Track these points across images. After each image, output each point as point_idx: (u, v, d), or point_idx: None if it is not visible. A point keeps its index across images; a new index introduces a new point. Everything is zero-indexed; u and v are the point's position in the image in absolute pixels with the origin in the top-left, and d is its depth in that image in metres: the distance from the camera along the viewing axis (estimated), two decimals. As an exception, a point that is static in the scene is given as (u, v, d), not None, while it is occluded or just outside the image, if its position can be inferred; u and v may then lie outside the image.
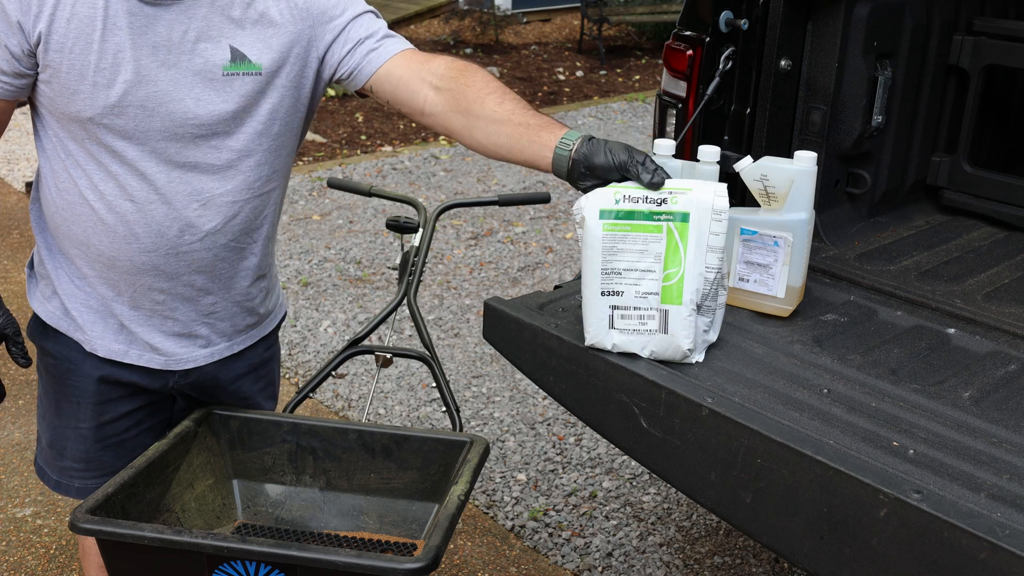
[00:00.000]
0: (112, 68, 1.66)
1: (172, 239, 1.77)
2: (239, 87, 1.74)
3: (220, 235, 1.81)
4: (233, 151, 1.77)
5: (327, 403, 3.86)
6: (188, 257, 1.80)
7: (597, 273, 1.88)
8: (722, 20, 2.43)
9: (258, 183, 1.83)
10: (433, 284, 4.91)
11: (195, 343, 1.91)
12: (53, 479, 2.02)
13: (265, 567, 1.52)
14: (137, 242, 1.77)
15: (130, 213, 1.75)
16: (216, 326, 1.91)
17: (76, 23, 1.64)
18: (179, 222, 1.77)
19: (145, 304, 1.84)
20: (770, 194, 2.13)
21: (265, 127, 1.80)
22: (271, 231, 1.92)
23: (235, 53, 1.72)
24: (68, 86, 1.67)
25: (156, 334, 1.87)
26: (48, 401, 1.97)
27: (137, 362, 1.89)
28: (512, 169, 6.63)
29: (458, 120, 1.78)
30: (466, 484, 1.68)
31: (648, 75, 9.65)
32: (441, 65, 1.79)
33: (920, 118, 2.76)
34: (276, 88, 1.78)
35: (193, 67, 1.70)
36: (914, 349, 2.09)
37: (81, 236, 1.79)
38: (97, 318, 1.86)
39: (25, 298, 4.62)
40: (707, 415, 1.75)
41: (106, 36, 1.65)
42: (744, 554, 3.04)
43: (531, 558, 3.03)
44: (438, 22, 11.63)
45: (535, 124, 1.72)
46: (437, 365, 2.21)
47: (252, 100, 1.76)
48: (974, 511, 1.48)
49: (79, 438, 1.95)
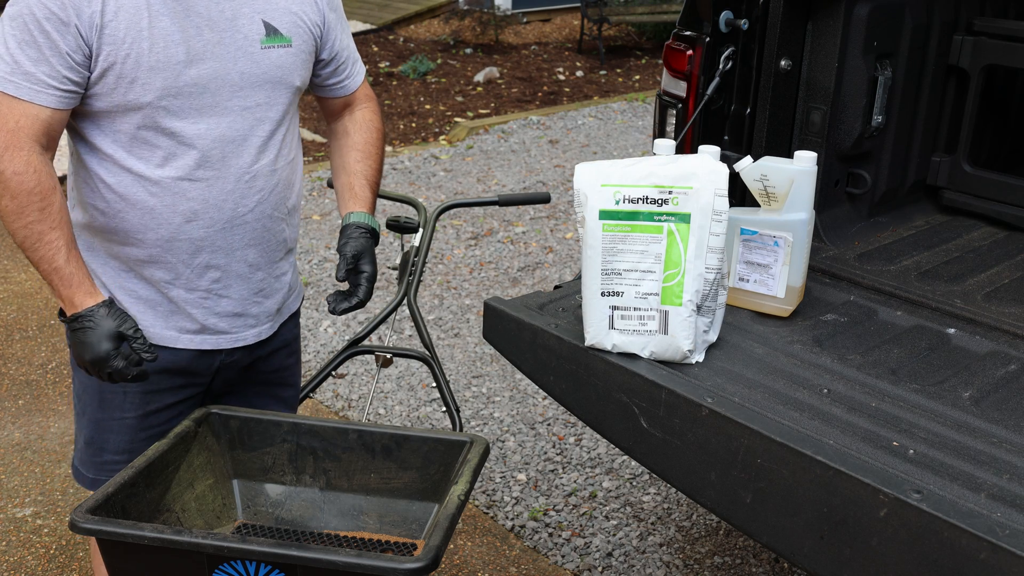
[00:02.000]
0: (164, 51, 1.73)
1: (228, 212, 1.87)
2: (275, 59, 1.86)
3: (266, 205, 1.91)
4: (272, 122, 1.89)
5: (327, 403, 3.86)
6: (241, 230, 1.89)
7: (597, 273, 1.88)
8: (722, 20, 2.43)
9: (291, 153, 1.97)
10: (433, 284, 4.91)
11: (245, 322, 1.99)
12: (90, 477, 2.03)
13: (265, 567, 1.52)
14: (196, 219, 1.84)
15: (189, 191, 1.83)
16: (263, 304, 2.01)
17: (124, 14, 1.70)
18: (233, 195, 1.86)
19: (202, 285, 1.91)
20: (770, 194, 2.13)
21: (294, 98, 1.94)
22: (298, 201, 2.04)
23: (268, 27, 1.85)
24: (125, 76, 1.72)
25: (211, 316, 1.94)
26: (89, 396, 1.99)
27: (188, 345, 1.95)
28: (512, 169, 6.63)
29: (331, 144, 2.17)
30: (466, 484, 1.68)
31: (648, 75, 9.65)
32: (358, 116, 2.13)
33: (920, 118, 2.76)
34: (301, 60, 1.92)
35: (235, 43, 1.81)
36: (914, 349, 2.09)
37: (138, 226, 1.84)
38: (147, 307, 1.91)
39: (26, 298, 4.62)
40: (707, 415, 1.75)
41: (153, 23, 1.72)
42: (744, 554, 3.04)
43: (531, 558, 3.03)
44: (438, 22, 11.63)
45: (356, 192, 2.07)
46: (437, 365, 2.21)
47: (286, 72, 1.89)
48: (974, 511, 1.48)
49: (123, 429, 1.98)
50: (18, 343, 4.23)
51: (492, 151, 7.05)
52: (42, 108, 1.70)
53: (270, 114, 1.88)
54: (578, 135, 7.49)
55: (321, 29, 1.96)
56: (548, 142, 7.28)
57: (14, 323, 4.40)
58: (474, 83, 9.12)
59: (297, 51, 1.90)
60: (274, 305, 2.04)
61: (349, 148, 2.10)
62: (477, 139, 7.33)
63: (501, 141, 7.28)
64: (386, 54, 10.17)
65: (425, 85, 9.02)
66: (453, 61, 9.95)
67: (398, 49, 10.46)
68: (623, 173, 1.84)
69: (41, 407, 3.75)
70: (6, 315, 4.47)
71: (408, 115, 8.08)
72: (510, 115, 7.98)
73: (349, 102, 2.12)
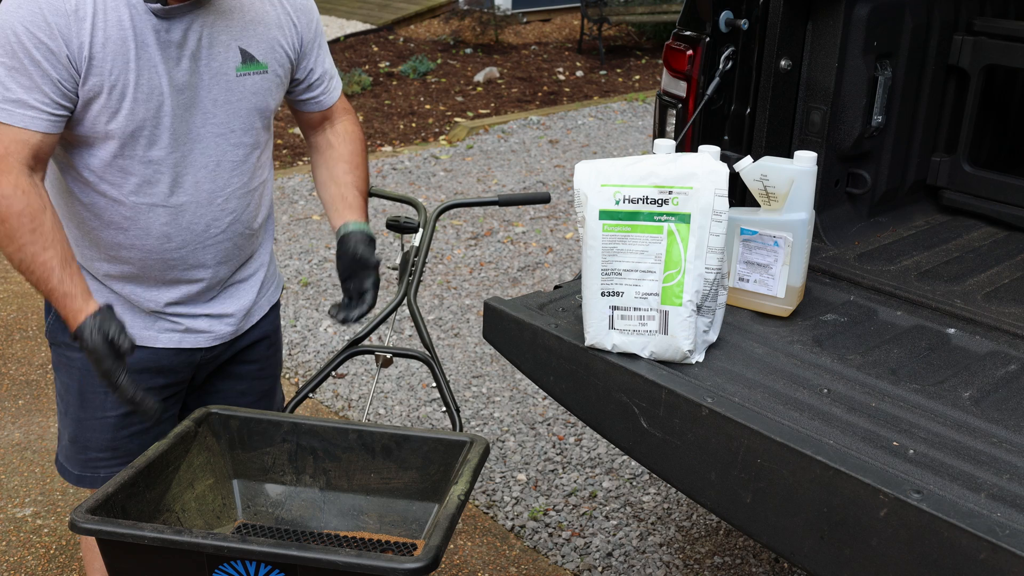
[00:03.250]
0: (149, 83, 1.74)
1: (200, 234, 1.89)
2: (250, 86, 1.87)
3: (239, 224, 1.95)
4: (247, 147, 1.91)
5: (327, 403, 3.86)
6: (214, 249, 1.92)
7: (597, 274, 1.88)
8: (722, 20, 2.43)
9: (263, 174, 1.99)
10: (433, 284, 4.91)
11: (222, 320, 2.03)
12: (75, 473, 2.06)
13: (265, 567, 1.52)
14: (169, 242, 1.87)
15: (163, 216, 1.85)
16: (239, 301, 2.05)
17: (111, 46, 1.70)
18: (206, 218, 1.88)
19: (174, 296, 1.95)
20: (770, 194, 2.13)
21: (268, 121, 1.96)
22: (270, 211, 2.09)
23: (244, 54, 1.85)
24: (109, 106, 1.73)
25: (186, 318, 1.98)
26: (71, 396, 2.01)
27: (167, 344, 1.98)
28: (512, 169, 6.63)
29: (314, 158, 2.16)
30: (466, 484, 1.68)
31: (648, 75, 9.65)
32: (339, 128, 2.12)
33: (920, 118, 2.76)
34: (276, 84, 1.93)
35: (211, 71, 1.81)
36: (914, 349, 2.09)
37: (111, 244, 1.87)
38: (125, 310, 1.94)
39: (26, 298, 4.62)
40: (707, 415, 1.75)
41: (139, 54, 1.72)
42: (744, 554, 3.04)
43: (531, 558, 3.03)
44: (438, 22, 11.63)
45: (349, 201, 2.06)
46: (437, 365, 2.21)
47: (260, 98, 1.89)
48: (974, 511, 1.48)
49: (105, 427, 2.00)
50: (18, 343, 4.23)
51: (492, 151, 7.05)
52: (33, 134, 1.70)
53: (244, 139, 1.90)
54: (578, 135, 7.49)
55: (297, 52, 1.96)
56: (548, 142, 7.28)
57: (14, 323, 4.40)
58: (474, 83, 9.12)
59: (272, 75, 1.90)
60: (249, 301, 2.07)
61: (336, 160, 2.10)
62: (477, 139, 7.33)
63: (501, 141, 7.28)
64: (386, 54, 10.17)
65: (425, 85, 9.02)
66: (453, 61, 9.95)
67: (398, 49, 10.46)
68: (623, 173, 1.84)
69: (41, 407, 3.75)
70: (6, 315, 4.48)
71: (408, 115, 8.08)
72: (510, 115, 7.98)
73: (327, 116, 2.13)
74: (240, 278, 2.05)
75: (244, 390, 2.18)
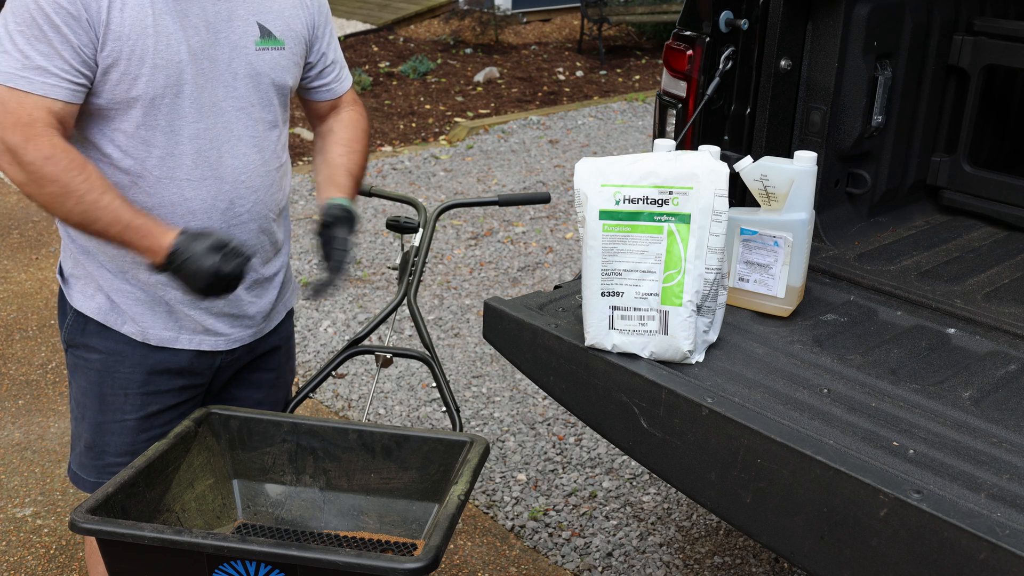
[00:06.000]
0: (168, 49, 1.75)
1: (222, 213, 1.87)
2: (269, 61, 1.88)
3: (261, 206, 1.93)
4: (266, 123, 1.92)
5: (327, 403, 3.86)
6: (237, 231, 1.90)
7: (597, 274, 1.88)
8: (722, 20, 2.43)
9: (282, 155, 1.99)
10: (433, 284, 4.91)
11: (243, 322, 2.01)
12: (91, 481, 2.02)
13: (265, 567, 1.52)
14: (194, 219, 1.85)
15: (186, 190, 1.83)
16: (258, 303, 2.02)
17: (130, 11, 1.72)
18: (228, 195, 1.87)
19: None
20: (770, 194, 2.13)
21: (285, 100, 1.97)
22: (286, 203, 2.07)
23: (263, 29, 1.87)
24: (129, 72, 1.74)
25: (208, 316, 1.95)
26: (89, 399, 1.98)
27: (187, 346, 1.96)
28: (512, 169, 6.63)
29: (315, 144, 2.17)
30: (466, 484, 1.68)
31: (648, 75, 9.65)
32: (344, 115, 2.14)
33: (920, 118, 2.76)
34: (293, 63, 1.94)
35: (231, 43, 1.83)
36: (914, 349, 2.09)
37: None
38: (145, 308, 1.92)
39: (28, 298, 4.62)
40: (707, 415, 1.75)
41: (158, 20, 1.74)
42: (744, 554, 3.04)
43: (531, 558, 3.03)
44: (438, 22, 11.63)
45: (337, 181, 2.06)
46: (437, 365, 2.21)
47: (279, 74, 1.91)
48: (974, 511, 1.48)
49: (124, 431, 1.98)
50: (18, 343, 4.23)
51: (492, 151, 7.05)
52: (54, 101, 1.70)
53: (264, 115, 1.91)
54: (578, 135, 7.49)
55: (311, 32, 1.98)
56: (548, 142, 7.28)
57: (14, 323, 4.40)
58: (474, 83, 9.11)
59: (289, 53, 1.92)
60: (269, 303, 2.05)
61: (333, 143, 2.11)
62: (477, 139, 7.33)
63: (501, 141, 7.28)
64: (386, 54, 10.17)
65: (425, 85, 9.02)
66: (453, 61, 9.95)
67: (398, 49, 10.46)
68: (623, 172, 1.84)
69: (41, 407, 3.75)
70: (6, 315, 4.48)
71: (408, 115, 8.08)
72: (510, 115, 7.98)
73: (335, 105, 2.14)
74: (264, 275, 2.02)
75: (262, 399, 2.16)
